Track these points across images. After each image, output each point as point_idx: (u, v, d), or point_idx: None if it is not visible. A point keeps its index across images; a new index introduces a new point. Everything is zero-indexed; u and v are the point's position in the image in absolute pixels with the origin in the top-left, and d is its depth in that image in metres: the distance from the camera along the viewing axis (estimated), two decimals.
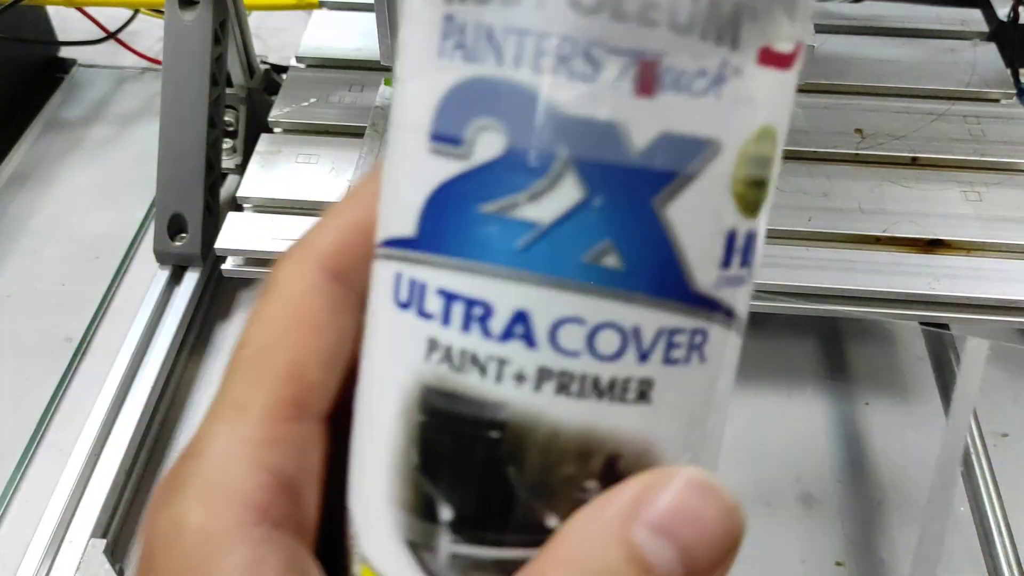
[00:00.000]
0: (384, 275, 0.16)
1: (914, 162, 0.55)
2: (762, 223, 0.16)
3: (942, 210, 0.52)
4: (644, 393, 0.15)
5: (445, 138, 0.15)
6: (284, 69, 0.65)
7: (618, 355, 0.15)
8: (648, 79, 0.14)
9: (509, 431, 0.15)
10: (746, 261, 0.16)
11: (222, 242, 0.51)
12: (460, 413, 0.15)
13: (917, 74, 0.61)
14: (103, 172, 0.73)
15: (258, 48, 0.69)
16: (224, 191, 0.66)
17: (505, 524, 0.16)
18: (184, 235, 0.58)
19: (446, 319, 0.15)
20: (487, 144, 0.15)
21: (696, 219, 0.15)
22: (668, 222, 0.15)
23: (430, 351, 0.15)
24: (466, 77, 0.15)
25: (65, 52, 0.82)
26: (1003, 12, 0.64)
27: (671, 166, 0.14)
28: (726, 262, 0.15)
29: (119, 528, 0.51)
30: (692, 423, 0.16)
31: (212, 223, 0.59)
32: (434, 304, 0.15)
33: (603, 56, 0.14)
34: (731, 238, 0.15)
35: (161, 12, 0.62)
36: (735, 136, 0.15)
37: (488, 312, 0.15)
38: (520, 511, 0.15)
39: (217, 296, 0.63)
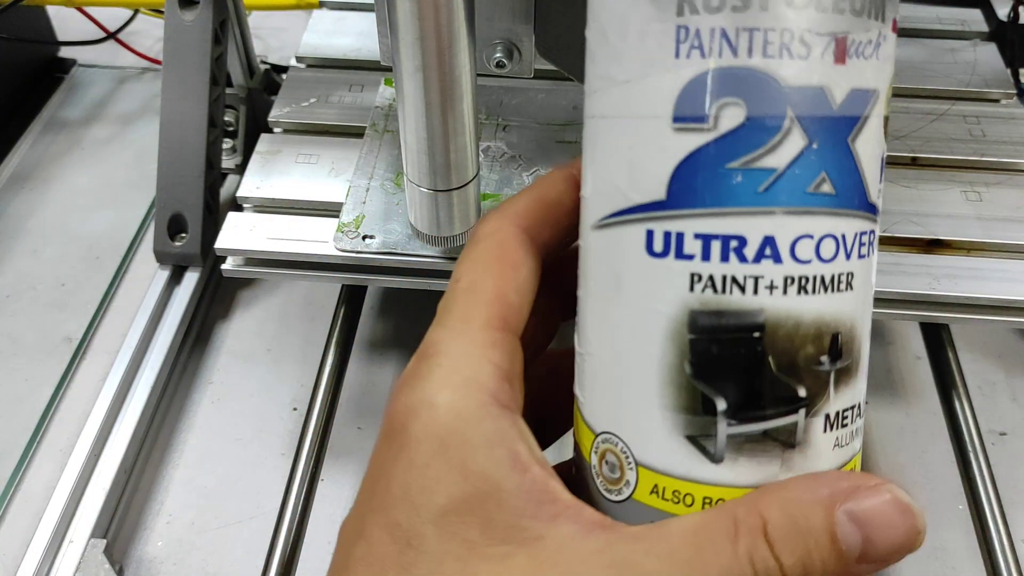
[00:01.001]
0: (629, 236, 0.21)
1: (914, 162, 0.55)
2: (887, 150, 0.22)
3: (942, 210, 0.52)
4: (850, 283, 0.21)
5: (691, 119, 0.20)
6: (284, 69, 0.65)
7: (835, 257, 0.20)
8: (842, 51, 0.20)
9: (767, 329, 0.20)
10: (883, 177, 0.22)
11: (222, 242, 0.51)
12: (726, 324, 0.20)
13: (917, 74, 0.61)
14: (103, 172, 0.73)
15: (258, 48, 0.69)
16: (224, 191, 0.66)
17: (767, 402, 0.20)
18: (184, 235, 0.58)
19: (706, 255, 0.20)
20: (730, 116, 0.20)
21: (870, 149, 0.21)
22: (857, 153, 0.20)
23: (693, 282, 0.20)
24: (707, 70, 0.20)
25: (65, 52, 0.82)
26: (1003, 12, 0.64)
27: (857, 112, 0.20)
28: (880, 178, 0.21)
29: (119, 528, 0.51)
30: (870, 301, 0.22)
31: (212, 223, 0.59)
32: (693, 246, 0.20)
33: (812, 39, 0.19)
34: (882, 161, 0.22)
35: (161, 12, 0.62)
36: (884, 84, 0.21)
37: (742, 242, 0.20)
38: (779, 389, 0.20)
39: (217, 296, 0.63)
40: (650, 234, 0.21)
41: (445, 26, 0.35)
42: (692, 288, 0.20)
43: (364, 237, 0.50)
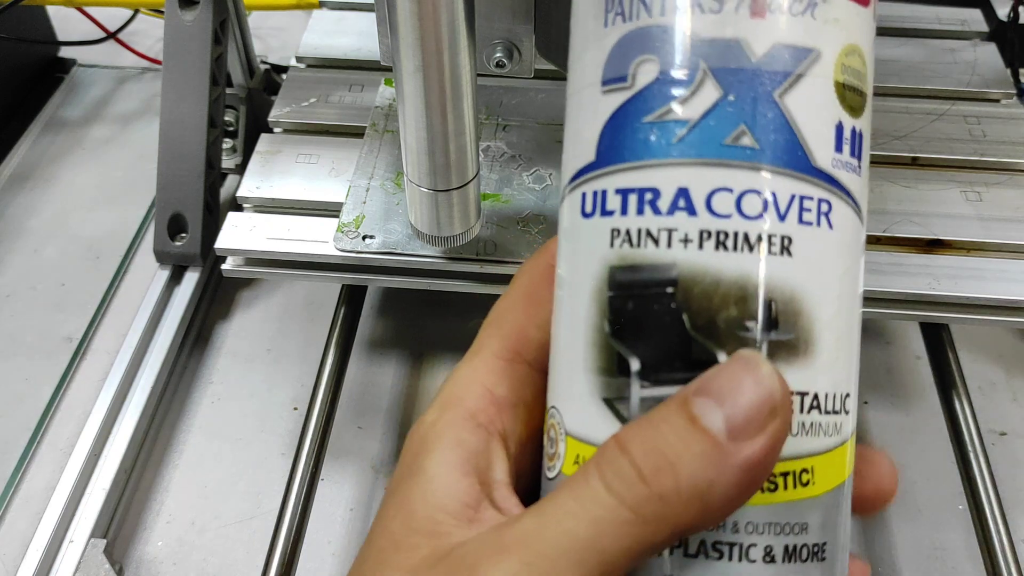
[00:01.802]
0: (571, 202, 0.21)
1: (914, 162, 0.55)
2: (866, 128, 0.21)
3: (942, 210, 0.52)
4: (786, 247, 0.19)
5: (614, 79, 0.20)
6: (284, 69, 0.65)
7: (761, 215, 0.19)
8: (760, 5, 0.20)
9: (681, 284, 0.19)
10: (855, 152, 0.21)
11: (222, 242, 0.51)
12: (640, 279, 0.20)
13: (917, 74, 0.61)
14: (103, 172, 0.73)
15: (258, 48, 0.69)
16: (224, 191, 0.66)
17: (684, 363, 0.19)
18: (184, 235, 0.58)
19: (624, 210, 0.20)
20: (645, 73, 0.20)
21: (810, 108, 0.20)
22: (788, 109, 0.20)
23: (613, 238, 0.20)
24: (626, 32, 0.20)
25: (65, 52, 0.82)
26: (1003, 12, 0.64)
27: (785, 68, 0.20)
28: (838, 147, 0.20)
29: (119, 528, 0.51)
30: (830, 280, 0.20)
31: (212, 223, 0.59)
32: (614, 202, 0.20)
33: None
34: (839, 129, 0.20)
35: (161, 12, 0.62)
36: (831, 47, 0.20)
37: (656, 194, 0.20)
38: (695, 350, 0.19)
39: (217, 296, 0.63)
40: (583, 196, 0.21)
41: (445, 26, 0.35)
42: (612, 244, 0.20)
43: (364, 237, 0.50)
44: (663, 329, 0.20)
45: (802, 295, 0.20)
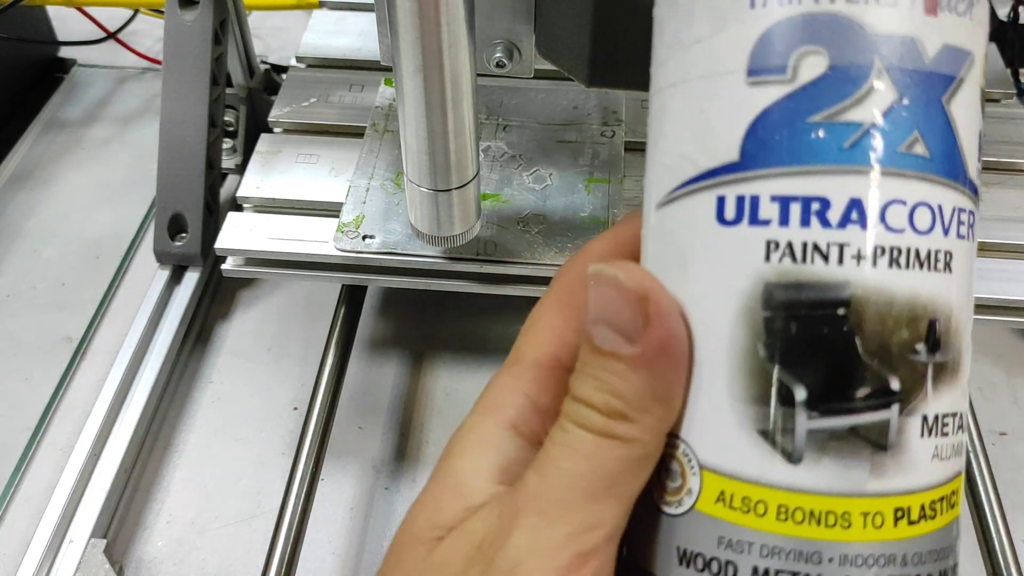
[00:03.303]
0: (697, 207, 0.19)
1: None
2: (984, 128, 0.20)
3: None
4: (948, 264, 0.18)
5: (766, 70, 0.18)
6: (284, 69, 0.65)
7: (930, 229, 0.18)
8: (933, 2, 0.18)
9: (854, 305, 0.18)
10: (981, 157, 0.20)
11: (222, 242, 0.51)
12: (807, 299, 0.18)
13: None
14: (103, 172, 0.73)
15: (258, 48, 0.69)
16: (224, 191, 0.66)
17: (857, 391, 0.18)
18: (184, 235, 0.58)
19: (784, 220, 0.18)
20: (811, 66, 0.18)
21: (967, 116, 0.19)
22: (952, 117, 0.18)
23: (770, 251, 0.18)
24: (784, 17, 0.18)
25: (65, 52, 0.82)
26: (1003, 12, 0.64)
27: (952, 71, 0.18)
28: (979, 156, 0.19)
29: (119, 528, 0.51)
30: (971, 292, 0.19)
31: (212, 223, 0.59)
32: (769, 210, 0.18)
33: None
34: (981, 137, 0.20)
35: (161, 12, 0.62)
36: (980, 49, 0.19)
37: (826, 205, 0.18)
38: (869, 377, 0.18)
39: (217, 296, 0.63)
40: (721, 201, 0.19)
41: (445, 26, 0.35)
42: (768, 257, 0.18)
43: (364, 237, 0.50)
44: (834, 354, 0.18)
45: (958, 313, 0.19)
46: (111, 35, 0.79)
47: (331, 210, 0.52)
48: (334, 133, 0.58)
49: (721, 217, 0.19)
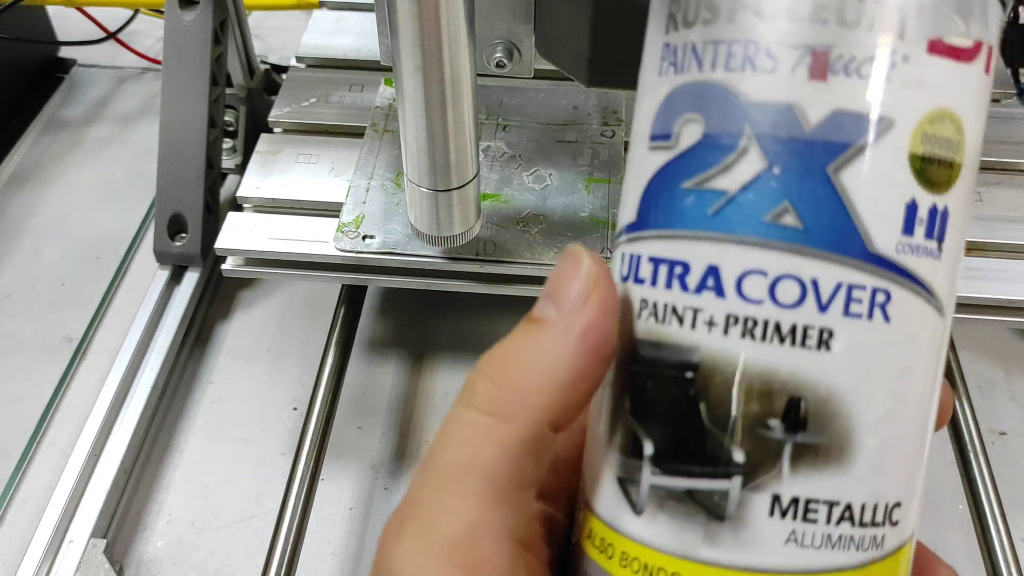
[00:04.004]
0: (614, 261, 0.20)
1: None
2: (955, 204, 0.18)
3: None
4: (825, 341, 0.17)
5: (660, 136, 0.19)
6: (284, 69, 0.65)
7: (798, 303, 0.17)
8: (821, 66, 0.17)
9: (701, 370, 0.18)
10: (933, 234, 0.18)
11: (222, 242, 0.51)
12: (662, 358, 0.18)
13: None
14: (103, 172, 0.73)
15: (258, 48, 0.69)
16: (224, 191, 0.66)
17: (696, 456, 0.18)
18: (184, 235, 0.58)
19: (654, 281, 0.19)
20: (689, 133, 0.18)
21: (871, 185, 0.17)
22: (843, 187, 0.17)
23: (641, 309, 0.19)
24: (676, 85, 0.19)
25: (65, 52, 0.82)
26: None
27: (843, 138, 0.17)
28: (907, 229, 0.17)
29: (119, 528, 0.51)
30: (881, 379, 0.18)
31: (212, 223, 0.59)
32: (646, 270, 0.19)
33: (781, 51, 0.17)
34: (911, 208, 0.17)
35: (161, 12, 0.62)
36: (908, 114, 0.17)
37: (686, 269, 0.18)
38: (709, 444, 0.18)
39: (217, 296, 0.63)
40: (622, 258, 0.20)
41: (445, 26, 0.35)
42: (639, 315, 0.19)
43: (364, 237, 0.50)
44: (678, 416, 0.18)
45: (840, 395, 0.17)
46: (111, 35, 0.79)
47: (331, 210, 0.52)
48: (334, 133, 0.58)
49: (621, 273, 0.20)
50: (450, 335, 0.61)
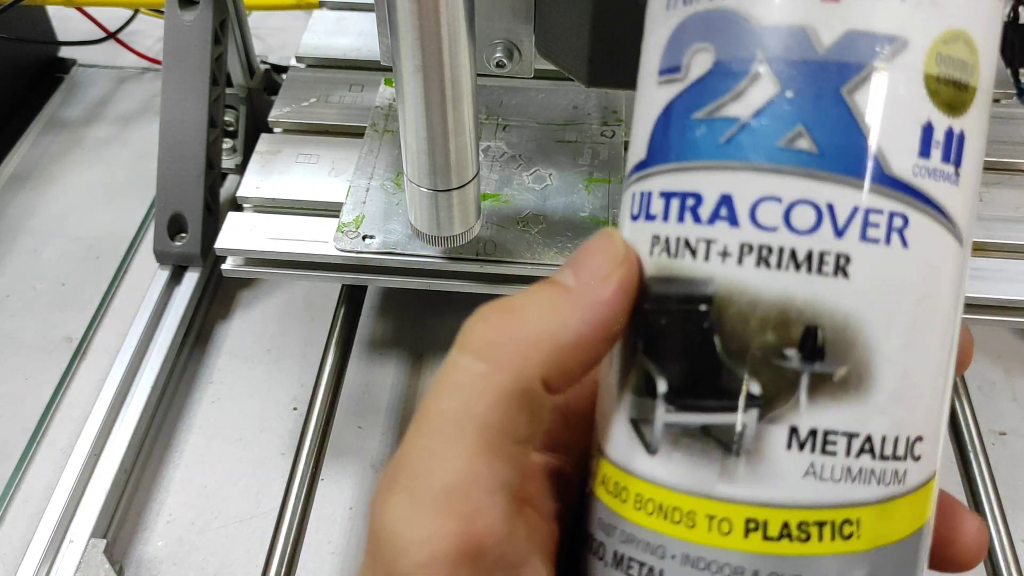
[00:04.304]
0: (624, 202, 0.20)
1: None
2: (971, 128, 0.18)
3: None
4: (842, 267, 0.17)
5: (669, 70, 0.18)
6: (284, 69, 0.65)
7: (814, 229, 0.17)
8: None
9: (715, 302, 0.17)
10: (949, 158, 0.17)
11: (222, 242, 0.51)
12: (675, 293, 0.18)
13: None
14: (103, 172, 0.73)
15: (258, 48, 0.69)
16: (224, 191, 0.66)
17: (711, 391, 0.17)
18: (184, 235, 0.58)
19: (666, 215, 0.18)
20: (700, 63, 0.18)
21: (887, 107, 0.17)
22: (858, 108, 0.17)
23: (653, 245, 0.18)
24: (686, 16, 0.18)
25: (65, 52, 0.82)
26: (1003, 12, 0.64)
27: (857, 59, 0.17)
28: (924, 151, 0.17)
29: (119, 528, 0.51)
30: (900, 306, 0.17)
31: (212, 223, 0.59)
32: (657, 206, 0.18)
33: None
34: (927, 130, 0.17)
35: (161, 12, 0.62)
36: (922, 34, 0.17)
37: (698, 200, 0.18)
38: (724, 378, 0.17)
39: (217, 296, 0.63)
40: (632, 197, 0.19)
41: (445, 26, 0.35)
42: (652, 251, 0.18)
43: (364, 237, 0.50)
44: (693, 351, 0.18)
45: (859, 323, 0.17)
46: (111, 35, 0.79)
47: (331, 210, 0.52)
48: (334, 133, 0.58)
49: (632, 212, 0.19)
50: (450, 335, 0.60)
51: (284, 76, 0.62)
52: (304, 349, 0.60)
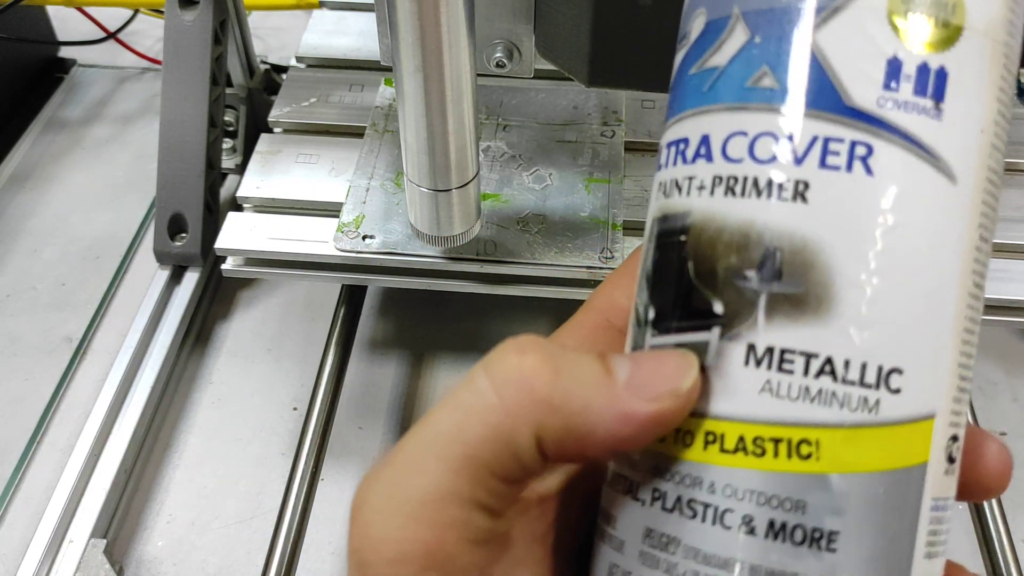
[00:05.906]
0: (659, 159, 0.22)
1: None
2: (958, 66, 0.18)
3: None
4: (801, 193, 0.18)
5: (683, 35, 0.21)
6: (284, 69, 0.65)
7: (772, 159, 0.18)
8: None
9: (691, 232, 0.19)
10: (925, 92, 0.18)
11: (222, 242, 0.51)
12: (664, 228, 0.20)
13: None
14: (103, 172, 0.73)
15: (258, 48, 0.69)
16: (224, 191, 0.66)
17: (684, 312, 0.19)
18: (184, 235, 0.58)
19: (666, 162, 0.20)
20: (697, 26, 0.20)
21: (847, 42, 0.18)
22: (819, 46, 0.18)
23: (658, 191, 0.20)
24: None
25: (65, 52, 0.82)
26: None
27: (820, 2, 0.18)
28: (888, 84, 0.18)
29: (119, 528, 0.51)
30: (861, 232, 0.18)
31: (212, 223, 0.59)
32: (663, 155, 0.20)
33: None
34: (893, 63, 0.18)
35: (161, 12, 0.62)
36: None
37: (686, 144, 0.20)
38: (695, 300, 0.19)
39: (217, 296, 0.63)
40: (659, 150, 0.21)
41: (445, 26, 0.35)
42: (657, 195, 0.21)
43: (364, 237, 0.50)
44: (673, 278, 0.19)
45: (817, 245, 0.18)
46: (111, 35, 0.79)
47: (331, 210, 0.52)
48: (334, 133, 0.58)
49: (656, 162, 0.21)
50: (450, 335, 0.61)
51: (284, 76, 0.62)
52: (304, 349, 0.60)
